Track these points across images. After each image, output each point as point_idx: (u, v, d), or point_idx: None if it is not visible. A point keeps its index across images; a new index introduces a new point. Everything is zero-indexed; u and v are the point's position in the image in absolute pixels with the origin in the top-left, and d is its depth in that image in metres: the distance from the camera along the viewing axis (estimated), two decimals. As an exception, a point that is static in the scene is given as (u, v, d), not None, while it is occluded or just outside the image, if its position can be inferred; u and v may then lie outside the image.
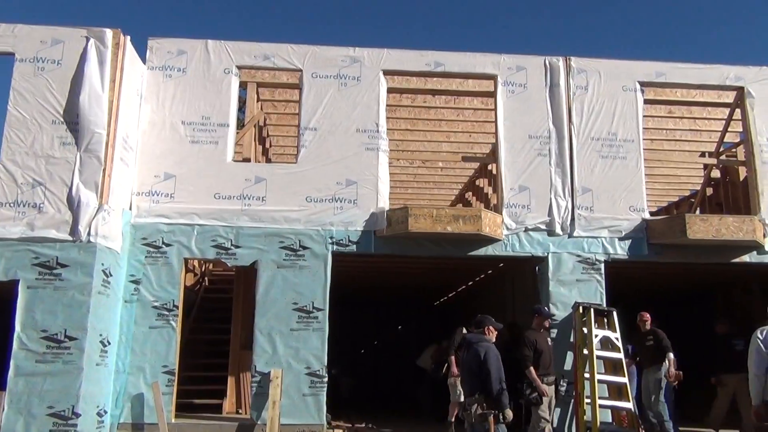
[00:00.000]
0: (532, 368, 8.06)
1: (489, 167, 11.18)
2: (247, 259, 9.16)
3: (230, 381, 9.92)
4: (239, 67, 9.79)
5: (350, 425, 9.71)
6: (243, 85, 10.30)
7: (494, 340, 6.92)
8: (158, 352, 8.70)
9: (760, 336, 5.85)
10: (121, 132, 8.77)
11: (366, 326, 18.25)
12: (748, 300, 11.65)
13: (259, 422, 8.58)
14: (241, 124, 11.52)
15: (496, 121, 9.94)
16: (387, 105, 10.13)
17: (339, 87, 9.74)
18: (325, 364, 8.92)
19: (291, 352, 8.86)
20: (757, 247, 9.70)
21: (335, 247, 9.24)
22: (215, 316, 11.23)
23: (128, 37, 8.98)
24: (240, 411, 9.71)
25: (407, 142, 13.10)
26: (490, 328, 6.89)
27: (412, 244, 9.46)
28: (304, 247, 9.18)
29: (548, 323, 8.89)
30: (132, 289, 8.87)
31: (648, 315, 9.70)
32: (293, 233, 9.20)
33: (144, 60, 9.60)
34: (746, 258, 9.79)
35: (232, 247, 9.14)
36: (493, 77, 10.01)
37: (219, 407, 9.69)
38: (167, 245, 9.06)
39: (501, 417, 6.35)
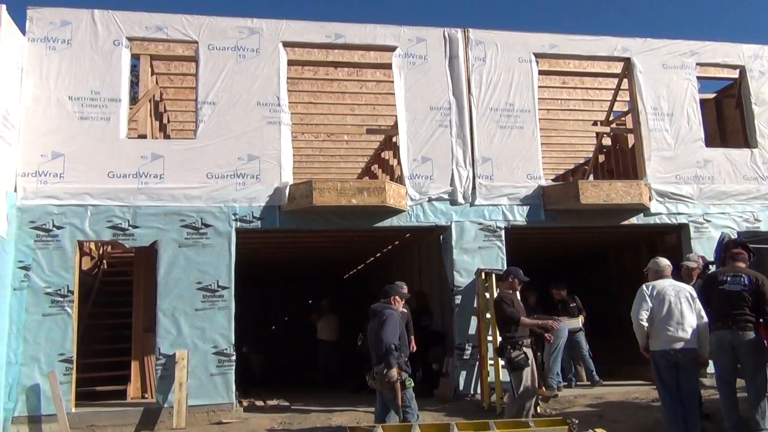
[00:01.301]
0: (523, 318, 7.43)
1: (393, 139, 11.27)
2: (146, 240, 8.84)
3: (134, 365, 9.62)
4: (130, 39, 9.32)
5: (262, 402, 9.66)
6: (136, 58, 9.84)
7: (401, 309, 7.06)
8: (53, 340, 8.29)
9: (646, 290, 6.30)
10: (0, 109, 8.18)
11: (276, 302, 18.16)
12: (638, 259, 12.42)
13: (165, 405, 8.39)
14: (135, 99, 11.01)
15: (397, 93, 9.98)
16: (288, 78, 9.96)
17: (237, 59, 9.47)
18: (233, 342, 8.81)
19: (197, 332, 8.68)
20: (643, 209, 10.32)
21: (239, 223, 9.07)
22: (116, 300, 10.81)
23: (3, 6, 8.33)
24: (146, 395, 9.47)
25: (311, 116, 12.96)
26: (396, 297, 7.02)
27: (317, 218, 9.43)
28: (207, 225, 8.96)
29: (520, 286, 7.96)
30: (21, 276, 8.37)
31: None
32: (194, 211, 8.95)
33: (24, 31, 8.96)
34: (634, 220, 10.41)
35: (130, 228, 8.79)
36: (393, 49, 10.02)
37: (124, 393, 9.40)
38: (58, 228, 8.59)
39: (406, 382, 6.52)
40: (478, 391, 9.28)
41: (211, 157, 9.10)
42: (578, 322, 10.35)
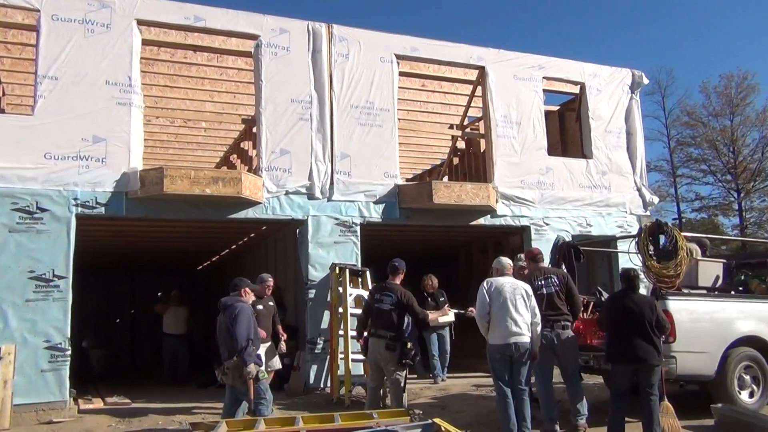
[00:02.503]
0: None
1: (253, 130, 11.03)
2: (-30, 223, 8.02)
3: (-49, 362, 8.68)
4: (-40, 2, 8.41)
5: (100, 400, 9.10)
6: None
7: (251, 301, 6.95)
8: None
9: (485, 286, 6.65)
10: None
11: (123, 294, 17.21)
12: (485, 259, 13.11)
13: (-14, 405, 7.66)
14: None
15: (257, 83, 9.80)
16: (142, 58, 9.49)
17: (85, 33, 8.83)
18: (68, 336, 8.22)
19: (26, 325, 8.01)
20: (490, 211, 10.92)
21: (80, 209, 8.48)
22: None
23: None
24: (-36, 394, 8.58)
25: (167, 99, 12.34)
26: (246, 290, 6.89)
27: (169, 206, 9.05)
28: (43, 210, 8.29)
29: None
30: None
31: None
32: (29, 194, 8.25)
33: None
34: (482, 221, 10.98)
35: (-49, 209, 7.94)
36: (255, 37, 9.83)
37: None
38: None
39: (258, 375, 6.45)
40: (328, 384, 9.36)
41: (50, 136, 8.42)
42: (452, 315, 10.26)
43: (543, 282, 6.91)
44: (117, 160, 8.73)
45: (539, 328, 6.58)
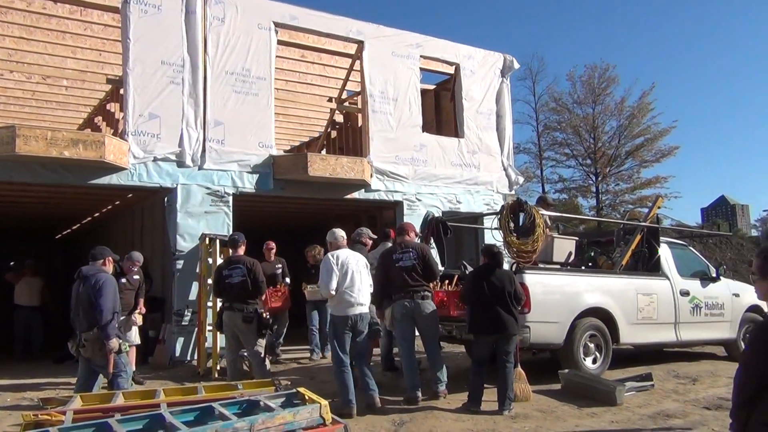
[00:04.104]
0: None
1: (121, 91, 10.42)
2: None
3: None
4: None
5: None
6: None
7: (111, 271, 6.63)
8: None
9: (331, 258, 6.69)
10: None
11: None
12: (358, 232, 13.28)
13: None
14: None
15: (125, 41, 9.25)
16: (-7, 5, 8.64)
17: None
18: None
19: None
20: (365, 185, 11.07)
21: None
22: None
23: None
24: None
25: (23, 53, 11.36)
26: (110, 259, 6.57)
27: (21, 169, 8.42)
28: None
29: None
30: None
31: (273, 244, 10.27)
32: None
33: None
34: (356, 195, 11.11)
35: None
36: (122, -7, 9.26)
37: None
38: None
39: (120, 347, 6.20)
40: (195, 357, 9.17)
41: None
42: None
43: (402, 255, 7.11)
44: (-40, 116, 7.97)
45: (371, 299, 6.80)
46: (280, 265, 9.94)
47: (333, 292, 6.52)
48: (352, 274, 6.56)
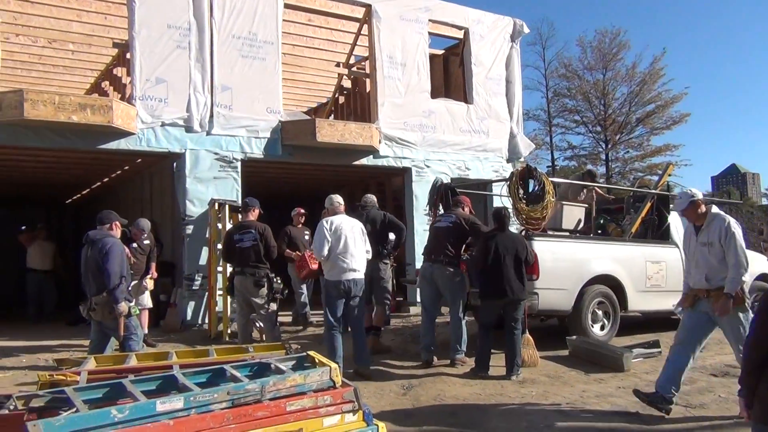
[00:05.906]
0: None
1: (127, 55, 10.34)
2: None
3: None
4: None
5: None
6: None
7: (119, 236, 6.67)
8: None
9: (325, 224, 6.69)
10: None
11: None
12: (367, 198, 13.25)
13: None
14: None
15: (130, 4, 9.14)
16: (-3, -33, 8.53)
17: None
18: None
19: None
20: (373, 151, 11.01)
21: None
22: None
23: None
24: None
25: (28, 16, 11.25)
26: (117, 223, 6.60)
27: (29, 133, 8.42)
28: None
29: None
30: None
31: (303, 210, 10.15)
32: None
33: None
34: (365, 161, 11.07)
35: None
36: (128, -46, 9.12)
37: None
38: None
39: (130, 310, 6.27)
40: (206, 321, 9.27)
41: None
42: None
43: (443, 218, 7.40)
44: (-32, 80, 7.95)
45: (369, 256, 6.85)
46: (308, 231, 9.96)
47: (324, 257, 6.55)
48: (345, 239, 6.55)
